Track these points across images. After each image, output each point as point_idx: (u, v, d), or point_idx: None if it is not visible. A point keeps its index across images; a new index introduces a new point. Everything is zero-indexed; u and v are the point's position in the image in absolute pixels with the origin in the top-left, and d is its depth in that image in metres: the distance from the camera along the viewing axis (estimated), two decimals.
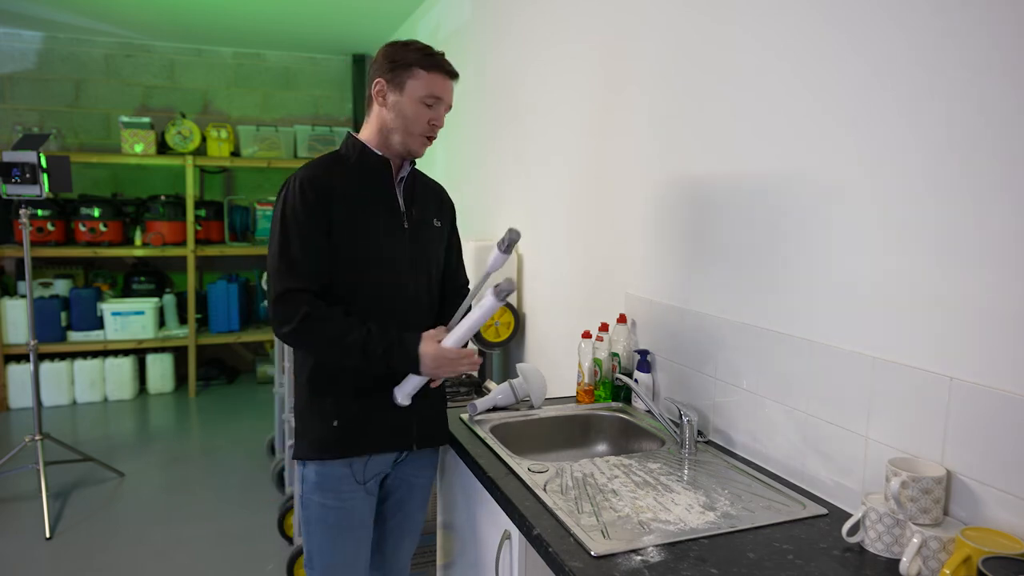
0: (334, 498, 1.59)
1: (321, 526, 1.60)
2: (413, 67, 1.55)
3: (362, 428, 1.59)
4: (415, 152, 1.61)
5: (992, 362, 1.10)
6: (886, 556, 1.16)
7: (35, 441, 3.33)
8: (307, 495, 1.61)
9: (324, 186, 1.54)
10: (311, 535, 1.62)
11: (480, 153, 3.44)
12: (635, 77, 2.05)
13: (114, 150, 5.18)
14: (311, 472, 1.60)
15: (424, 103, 1.56)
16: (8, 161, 3.25)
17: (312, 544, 1.62)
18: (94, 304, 4.94)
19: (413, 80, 1.55)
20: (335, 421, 1.57)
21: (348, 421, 1.58)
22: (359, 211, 1.56)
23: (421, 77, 1.55)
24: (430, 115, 1.58)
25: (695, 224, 1.79)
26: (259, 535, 3.02)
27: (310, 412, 1.60)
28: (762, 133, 1.56)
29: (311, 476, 1.60)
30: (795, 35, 1.46)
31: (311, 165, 1.60)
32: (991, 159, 1.09)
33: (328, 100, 5.80)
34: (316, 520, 1.60)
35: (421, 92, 1.55)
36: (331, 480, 1.59)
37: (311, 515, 1.61)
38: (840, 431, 1.36)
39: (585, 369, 2.01)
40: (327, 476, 1.59)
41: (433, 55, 1.58)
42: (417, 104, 1.56)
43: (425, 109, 1.57)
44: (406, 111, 1.56)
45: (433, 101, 1.57)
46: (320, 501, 1.59)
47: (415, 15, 4.49)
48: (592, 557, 1.14)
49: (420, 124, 1.58)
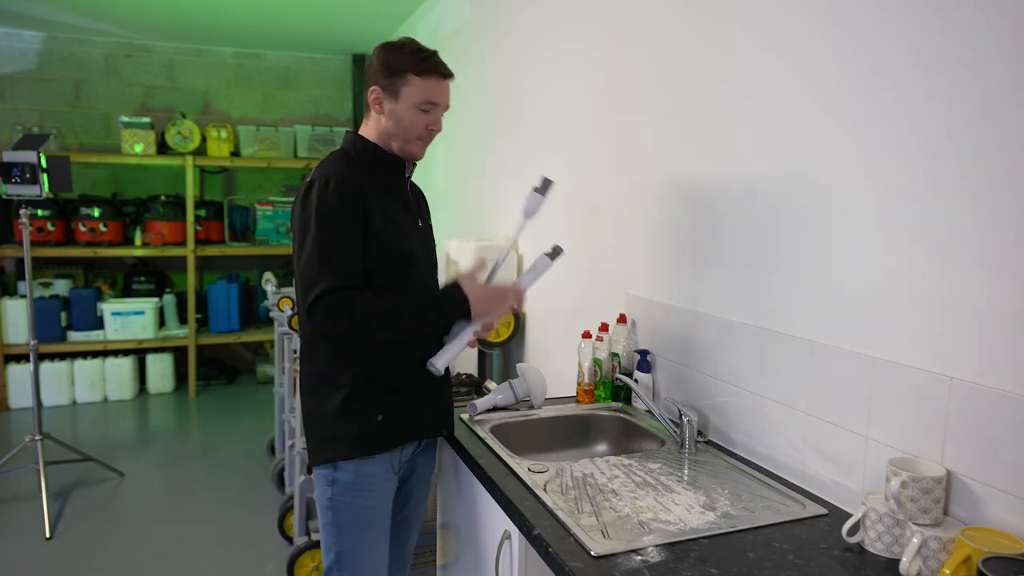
0: (367, 496, 1.58)
1: (354, 527, 1.58)
2: (407, 73, 1.54)
3: (403, 418, 1.60)
4: (415, 155, 1.62)
5: (992, 362, 1.10)
6: (886, 556, 1.16)
7: (35, 441, 3.33)
8: (338, 497, 1.57)
9: (357, 185, 1.52)
10: (342, 537, 1.59)
11: (480, 153, 3.44)
12: (635, 77, 2.05)
13: (114, 150, 5.18)
14: (347, 473, 1.56)
15: (420, 109, 1.56)
16: (8, 161, 3.25)
17: (343, 546, 1.59)
18: (94, 304, 4.94)
19: (408, 87, 1.54)
20: (379, 416, 1.56)
21: (391, 413, 1.58)
22: (387, 210, 1.56)
23: (415, 84, 1.54)
24: (427, 120, 1.57)
25: (695, 224, 1.79)
26: (259, 535, 3.02)
27: (347, 413, 1.55)
28: (762, 133, 1.56)
29: (346, 477, 1.56)
30: (795, 35, 1.46)
31: (333, 164, 1.56)
32: (991, 159, 1.09)
33: (328, 100, 5.80)
34: (348, 522, 1.58)
35: (417, 99, 1.55)
36: (368, 478, 1.58)
37: (342, 517, 1.58)
38: (840, 431, 1.36)
39: (585, 369, 2.01)
40: (365, 474, 1.57)
41: (426, 58, 1.56)
42: (413, 111, 1.56)
43: (422, 115, 1.56)
44: (403, 118, 1.56)
45: (429, 107, 1.57)
46: (352, 501, 1.57)
47: (415, 15, 4.49)
48: (592, 557, 1.14)
49: (417, 129, 1.58)
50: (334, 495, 1.58)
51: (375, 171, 1.59)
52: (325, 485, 1.58)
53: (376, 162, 1.60)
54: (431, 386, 1.64)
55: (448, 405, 1.74)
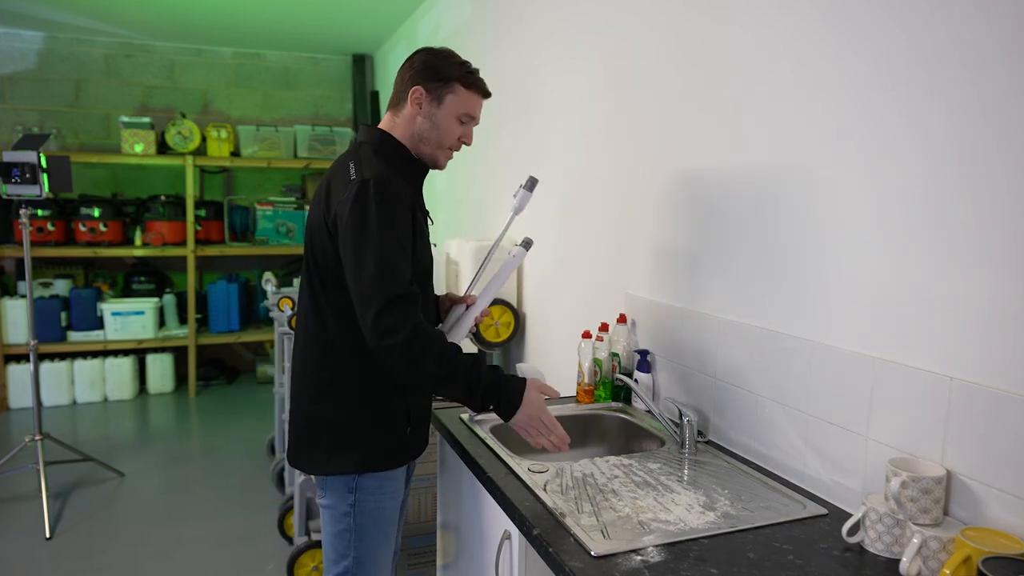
0: (391, 498, 1.58)
1: (375, 530, 1.57)
2: (454, 83, 1.54)
3: (423, 429, 1.64)
4: (440, 165, 1.61)
5: (992, 362, 1.10)
6: (886, 556, 1.16)
7: (35, 441, 3.33)
8: (363, 501, 1.54)
9: (405, 189, 1.46)
10: (364, 541, 1.56)
11: (480, 153, 3.44)
12: (636, 78, 2.05)
13: (114, 150, 5.18)
14: (373, 482, 1.54)
15: (460, 120, 1.57)
16: (8, 161, 3.25)
17: (363, 550, 1.56)
18: (94, 304, 4.94)
19: (453, 95, 1.55)
20: (408, 429, 1.57)
21: (415, 425, 1.60)
22: (422, 218, 1.54)
23: (461, 94, 1.55)
24: (462, 131, 1.58)
25: (695, 224, 1.79)
26: (259, 535, 3.02)
27: (379, 423, 1.53)
28: (762, 134, 1.55)
29: (372, 485, 1.54)
30: (795, 35, 1.46)
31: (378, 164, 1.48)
32: (991, 159, 1.09)
33: (328, 100, 5.80)
34: (373, 525, 1.56)
35: (459, 109, 1.56)
36: (392, 482, 1.58)
37: (366, 522, 1.55)
38: (840, 431, 1.36)
39: (585, 369, 2.01)
40: (390, 479, 1.57)
41: (473, 72, 1.58)
42: (452, 120, 1.56)
43: (459, 126, 1.57)
44: (441, 125, 1.55)
45: (468, 120, 1.58)
46: (377, 504, 1.56)
47: (415, 15, 4.49)
48: (592, 557, 1.14)
49: (451, 139, 1.58)
50: (357, 501, 1.53)
51: (411, 174, 1.57)
52: (345, 492, 1.53)
53: (405, 163, 1.57)
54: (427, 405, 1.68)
55: None
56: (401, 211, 1.42)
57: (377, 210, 1.39)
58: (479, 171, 3.46)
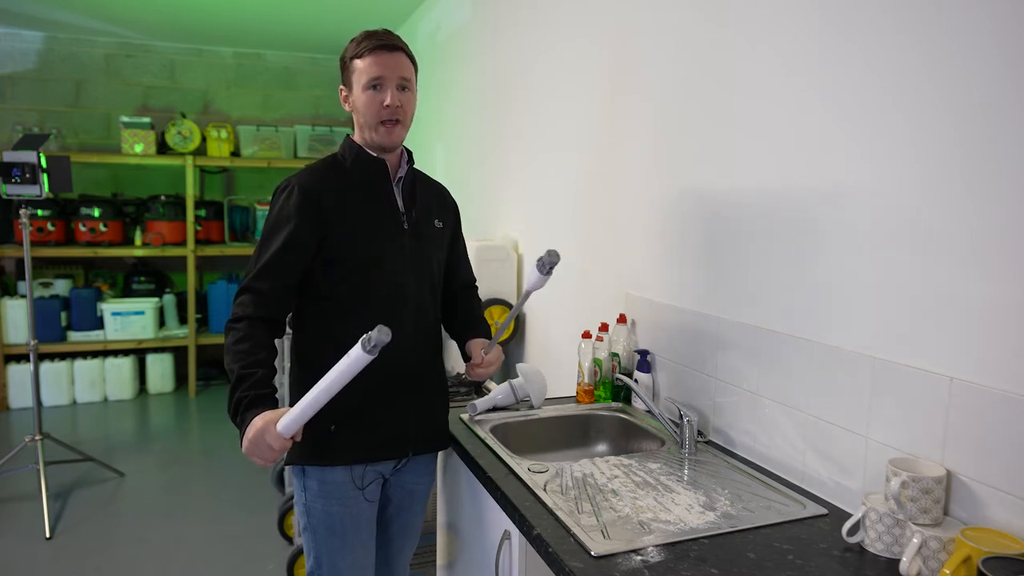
0: (339, 504, 1.58)
1: (327, 533, 1.58)
2: (352, 60, 1.57)
3: (359, 434, 1.57)
4: (383, 142, 1.58)
5: (992, 362, 1.10)
6: (886, 556, 1.16)
7: (35, 441, 3.33)
8: (311, 503, 1.58)
9: (319, 194, 1.54)
10: (318, 542, 1.59)
11: (480, 153, 3.44)
12: (637, 79, 2.05)
13: (114, 150, 5.18)
14: (313, 481, 1.58)
15: (371, 90, 1.55)
16: (8, 161, 3.25)
17: (320, 550, 1.59)
18: (94, 304, 4.94)
19: (354, 73, 1.57)
20: (332, 425, 1.53)
21: (345, 426, 1.55)
22: (357, 216, 1.57)
23: (358, 67, 1.56)
24: (379, 98, 1.55)
25: (695, 224, 1.79)
26: (259, 535, 3.02)
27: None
28: (761, 136, 1.56)
29: (313, 485, 1.58)
30: (796, 41, 1.46)
31: (309, 171, 1.60)
32: (990, 159, 1.09)
33: (328, 100, 5.80)
34: (323, 527, 1.58)
35: (363, 80, 1.55)
36: (334, 486, 1.57)
37: (316, 522, 1.59)
38: (840, 431, 1.36)
39: (585, 369, 2.01)
40: (329, 483, 1.57)
41: (364, 39, 1.57)
42: (364, 94, 1.56)
43: (373, 94, 1.55)
44: (360, 105, 1.57)
45: (376, 82, 1.55)
46: (325, 508, 1.57)
47: (415, 15, 4.49)
48: (592, 557, 1.14)
49: (374, 110, 1.56)
50: (307, 500, 1.60)
51: (355, 174, 1.61)
52: (301, 488, 1.61)
53: (357, 164, 1.61)
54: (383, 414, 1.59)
55: (432, 420, 1.69)
56: (301, 216, 1.52)
57: (276, 209, 1.55)
58: (479, 171, 3.46)
